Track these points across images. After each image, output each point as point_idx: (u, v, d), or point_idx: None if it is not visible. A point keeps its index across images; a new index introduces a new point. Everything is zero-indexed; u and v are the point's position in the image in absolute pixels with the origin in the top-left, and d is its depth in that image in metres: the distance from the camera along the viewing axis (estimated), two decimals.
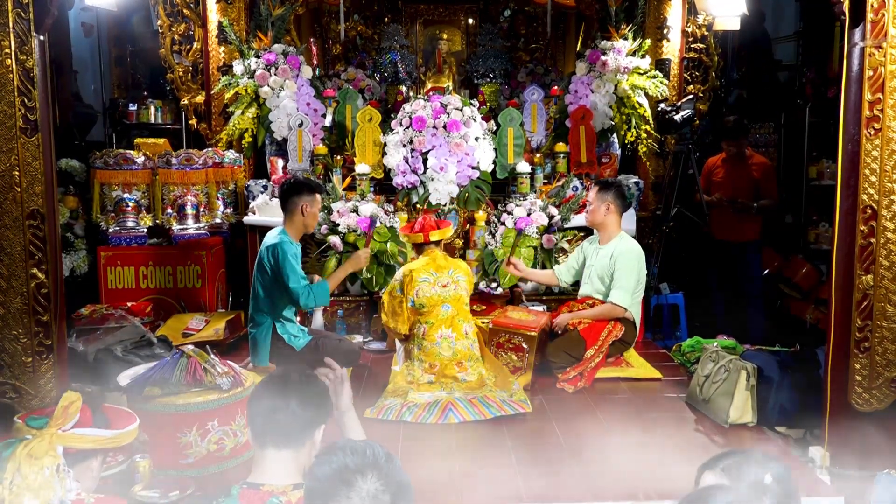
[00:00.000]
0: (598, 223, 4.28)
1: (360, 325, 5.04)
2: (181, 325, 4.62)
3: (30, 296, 2.81)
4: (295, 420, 1.80)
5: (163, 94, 6.59)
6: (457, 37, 6.52)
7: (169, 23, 5.71)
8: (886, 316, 2.84)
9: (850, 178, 2.84)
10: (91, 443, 2.02)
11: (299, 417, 1.81)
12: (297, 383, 1.86)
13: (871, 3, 2.72)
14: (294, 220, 3.95)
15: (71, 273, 5.20)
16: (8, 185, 2.77)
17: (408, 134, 5.00)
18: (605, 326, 4.07)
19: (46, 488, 1.81)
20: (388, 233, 4.84)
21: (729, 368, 3.46)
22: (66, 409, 1.97)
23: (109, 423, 2.13)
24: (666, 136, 5.63)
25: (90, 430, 2.02)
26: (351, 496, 1.40)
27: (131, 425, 2.18)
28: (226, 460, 2.95)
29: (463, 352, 3.75)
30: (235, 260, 5.45)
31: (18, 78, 2.73)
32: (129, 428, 2.16)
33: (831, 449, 2.97)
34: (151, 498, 2.66)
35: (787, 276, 5.73)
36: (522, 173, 5.11)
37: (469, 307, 3.95)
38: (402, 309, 3.82)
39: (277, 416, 1.79)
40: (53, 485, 1.83)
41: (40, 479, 1.81)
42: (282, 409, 1.79)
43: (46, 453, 1.86)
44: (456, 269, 3.88)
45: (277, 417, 1.79)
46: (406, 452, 3.13)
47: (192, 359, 2.99)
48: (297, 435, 1.81)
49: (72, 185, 5.48)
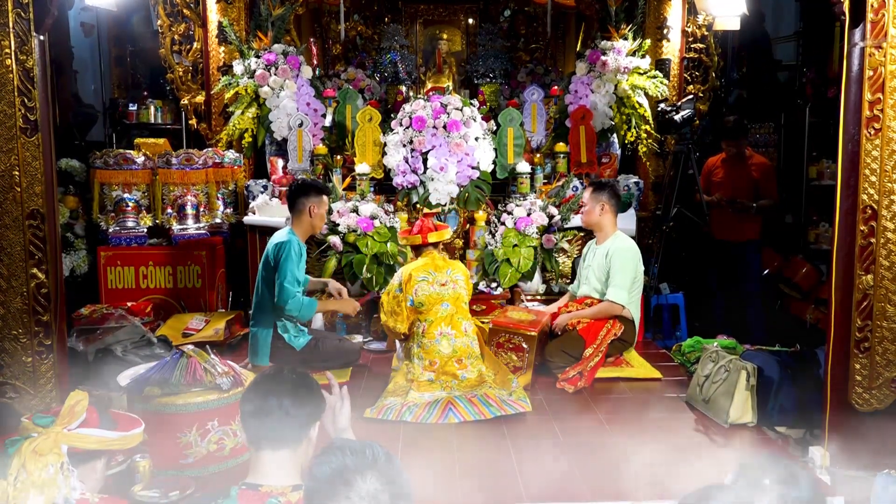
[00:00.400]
0: (593, 223, 4.31)
1: (360, 325, 5.03)
2: (181, 325, 4.62)
3: (30, 296, 2.81)
4: (289, 420, 1.79)
5: (163, 94, 6.59)
6: (457, 37, 6.52)
7: (169, 23, 5.71)
8: (886, 316, 2.84)
9: (850, 178, 2.84)
10: (96, 444, 2.02)
11: (293, 417, 1.80)
12: (289, 382, 1.84)
13: (871, 3, 2.72)
14: (301, 220, 4.02)
15: (71, 273, 5.20)
16: (8, 185, 2.77)
17: (408, 134, 5.00)
18: (604, 325, 4.07)
19: (50, 485, 1.82)
20: (388, 233, 4.84)
21: (729, 368, 3.46)
22: (72, 408, 1.97)
23: (116, 425, 2.13)
24: (666, 136, 5.63)
25: (95, 431, 2.02)
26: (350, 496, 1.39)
27: (137, 429, 2.19)
28: (226, 460, 2.95)
29: (462, 349, 3.75)
30: (235, 260, 5.45)
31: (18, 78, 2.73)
32: (134, 431, 2.17)
33: (831, 449, 2.97)
34: (151, 498, 2.66)
35: (787, 276, 5.73)
36: (522, 173, 5.12)
37: (468, 306, 3.95)
38: (401, 308, 3.82)
39: (271, 418, 1.78)
40: (58, 482, 1.83)
41: (44, 476, 1.82)
42: (275, 410, 1.78)
43: (51, 451, 1.86)
44: (454, 270, 3.89)
45: (271, 419, 1.78)
46: (406, 452, 3.13)
47: (192, 359, 2.99)
48: (293, 434, 1.80)
49: (72, 185, 5.48)
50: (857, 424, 2.90)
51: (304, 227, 4.04)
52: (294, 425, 1.81)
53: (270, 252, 3.94)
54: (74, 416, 1.97)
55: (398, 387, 3.74)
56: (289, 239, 3.92)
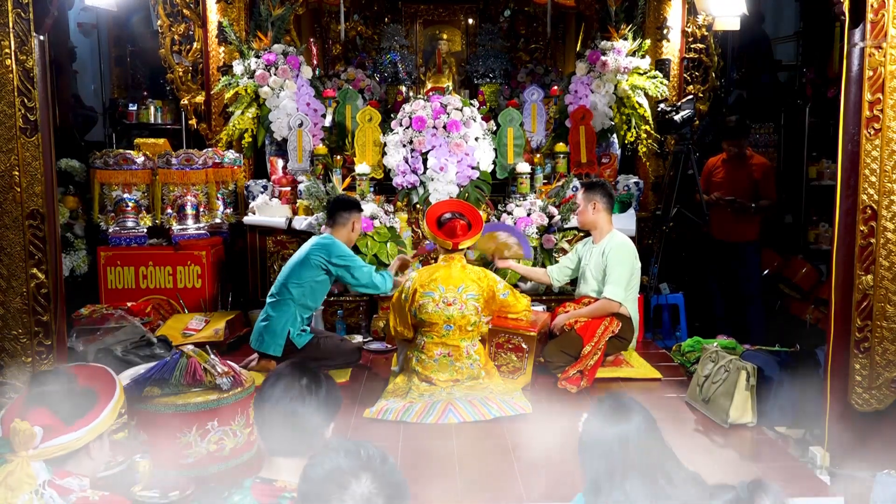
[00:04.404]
0: (588, 223, 4.32)
1: (360, 325, 5.04)
2: (181, 325, 4.62)
3: (30, 296, 2.81)
4: (306, 424, 1.78)
5: (163, 94, 6.58)
6: (457, 37, 6.52)
7: (169, 23, 5.71)
8: (886, 316, 2.84)
9: (850, 178, 2.84)
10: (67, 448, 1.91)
11: (310, 420, 1.78)
12: (306, 385, 1.81)
13: (871, 3, 2.72)
14: (342, 232, 4.19)
15: (71, 273, 5.20)
16: (8, 185, 2.77)
17: (408, 134, 5.00)
18: (602, 323, 4.07)
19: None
20: (387, 233, 4.84)
21: (729, 368, 3.46)
22: (21, 437, 1.84)
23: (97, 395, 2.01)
24: (666, 136, 5.63)
25: (61, 439, 1.90)
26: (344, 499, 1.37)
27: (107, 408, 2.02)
28: (226, 460, 2.95)
29: (462, 371, 3.69)
30: (235, 260, 5.45)
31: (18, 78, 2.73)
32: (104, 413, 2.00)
33: (831, 449, 2.97)
34: (151, 498, 2.65)
35: (787, 276, 5.72)
36: (522, 173, 5.12)
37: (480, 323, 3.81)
38: (406, 314, 3.80)
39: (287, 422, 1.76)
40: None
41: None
42: (292, 415, 1.76)
43: (23, 482, 1.81)
44: (468, 286, 3.72)
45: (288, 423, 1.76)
46: (406, 452, 3.13)
47: (192, 359, 2.99)
48: (309, 437, 1.79)
49: (72, 185, 5.48)
50: (857, 424, 2.90)
51: (343, 239, 4.18)
52: (311, 429, 1.79)
53: (313, 251, 4.06)
54: (30, 440, 1.85)
55: (398, 387, 3.74)
56: (334, 241, 4.10)
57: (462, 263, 3.85)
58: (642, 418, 1.81)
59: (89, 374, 2.11)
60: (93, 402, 2.01)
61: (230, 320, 4.70)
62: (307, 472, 1.44)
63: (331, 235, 4.15)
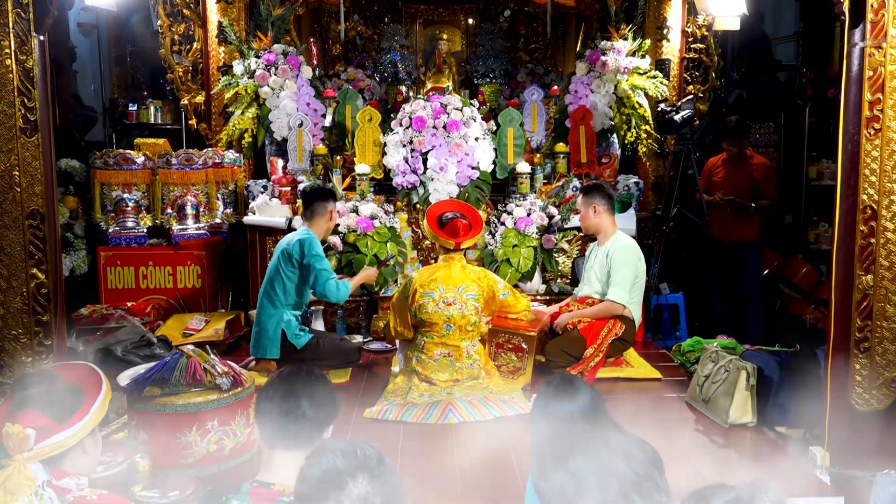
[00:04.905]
0: (591, 227, 4.29)
1: (360, 325, 5.04)
2: (181, 325, 4.62)
3: (30, 296, 2.81)
4: (306, 423, 1.78)
5: (163, 94, 6.59)
6: (457, 37, 6.52)
7: (169, 23, 5.71)
8: (886, 316, 2.84)
9: (850, 178, 2.84)
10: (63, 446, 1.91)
11: (310, 419, 1.79)
12: (306, 384, 1.83)
13: (871, 3, 2.72)
14: (319, 223, 4.13)
15: (71, 273, 5.20)
16: (8, 185, 2.77)
17: (408, 134, 5.00)
18: (605, 325, 4.06)
19: None
20: (387, 233, 4.84)
21: (729, 368, 3.45)
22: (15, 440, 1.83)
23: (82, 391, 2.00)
24: (666, 136, 5.63)
25: (55, 438, 1.89)
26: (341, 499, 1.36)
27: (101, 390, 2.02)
28: (226, 460, 2.95)
29: (462, 371, 3.70)
30: (235, 260, 5.45)
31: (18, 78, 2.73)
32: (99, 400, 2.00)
33: (831, 449, 2.96)
34: (151, 498, 2.65)
35: (787, 276, 5.72)
36: (522, 173, 5.12)
37: (480, 323, 3.81)
38: (405, 314, 3.80)
39: (287, 420, 1.77)
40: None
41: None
42: (292, 413, 1.77)
43: (22, 484, 1.81)
44: (468, 286, 3.73)
45: (288, 421, 1.77)
46: (406, 452, 3.13)
47: (192, 359, 2.99)
48: (308, 436, 1.79)
49: (72, 185, 5.49)
50: (857, 424, 2.90)
51: (320, 231, 4.14)
52: (311, 428, 1.79)
53: (292, 249, 3.99)
54: (24, 442, 1.84)
55: (398, 387, 3.74)
56: (310, 236, 4.03)
57: (462, 263, 3.84)
58: (589, 397, 1.84)
59: (72, 372, 2.11)
60: (80, 399, 2.00)
61: (230, 320, 4.70)
62: (304, 473, 1.44)
63: (308, 230, 4.09)
